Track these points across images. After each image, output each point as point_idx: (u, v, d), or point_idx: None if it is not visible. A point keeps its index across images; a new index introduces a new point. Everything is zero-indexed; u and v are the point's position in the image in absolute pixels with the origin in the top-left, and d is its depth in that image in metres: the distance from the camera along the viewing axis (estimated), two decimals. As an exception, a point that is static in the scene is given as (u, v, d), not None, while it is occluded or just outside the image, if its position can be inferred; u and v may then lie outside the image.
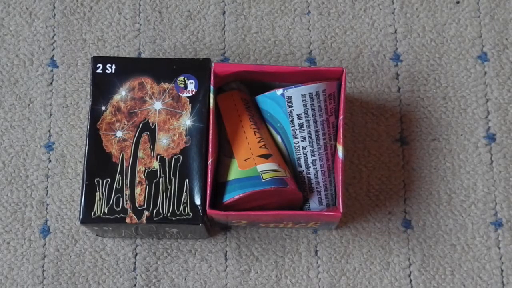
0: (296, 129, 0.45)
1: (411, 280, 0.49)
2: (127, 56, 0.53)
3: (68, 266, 0.50)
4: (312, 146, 0.46)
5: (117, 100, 0.46)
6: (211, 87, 0.45)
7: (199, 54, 0.53)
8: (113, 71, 0.47)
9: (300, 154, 0.46)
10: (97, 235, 0.49)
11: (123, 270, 0.50)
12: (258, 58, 0.53)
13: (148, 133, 0.46)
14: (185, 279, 0.49)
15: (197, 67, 0.47)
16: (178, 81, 0.46)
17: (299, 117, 0.45)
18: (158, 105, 0.46)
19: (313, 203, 0.46)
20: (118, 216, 0.44)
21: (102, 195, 0.45)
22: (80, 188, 0.44)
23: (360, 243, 0.50)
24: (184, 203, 0.45)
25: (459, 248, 0.50)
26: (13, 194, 0.51)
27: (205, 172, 0.45)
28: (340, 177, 0.44)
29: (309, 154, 0.46)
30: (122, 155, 0.45)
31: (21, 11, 0.54)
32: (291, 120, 0.45)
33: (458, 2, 0.54)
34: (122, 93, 0.46)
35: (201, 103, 0.46)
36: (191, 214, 0.44)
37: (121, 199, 0.45)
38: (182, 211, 0.44)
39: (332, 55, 0.53)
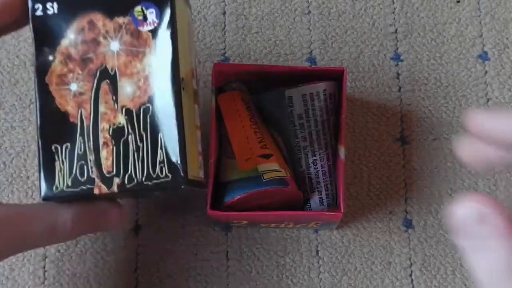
0: (297, 129, 0.45)
1: (412, 280, 0.49)
2: None
3: (69, 266, 0.50)
4: (312, 146, 0.46)
5: (66, 46, 0.38)
6: (212, 86, 0.39)
7: (199, 54, 0.53)
8: (56, 11, 0.38)
9: (301, 154, 0.46)
10: None
11: (125, 270, 0.50)
12: (258, 58, 0.53)
13: (108, 81, 0.38)
14: (186, 280, 0.49)
15: None
16: (135, 13, 0.38)
17: (299, 117, 0.45)
18: (115, 45, 0.38)
19: (314, 203, 0.46)
20: (84, 188, 0.37)
21: (63, 164, 0.38)
22: (37, 158, 0.38)
23: (361, 243, 0.50)
24: (160, 162, 0.37)
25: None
26: (14, 195, 0.51)
27: (182, 120, 0.37)
28: (341, 177, 0.44)
29: (309, 154, 0.46)
30: (81, 112, 0.38)
31: (21, 11, 0.54)
32: (292, 120, 0.45)
33: (458, 2, 0.54)
34: (70, 37, 0.38)
35: (166, 35, 0.38)
36: (170, 176, 0.37)
37: (85, 166, 0.38)
38: (159, 173, 0.37)
39: (333, 55, 0.53)
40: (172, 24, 0.38)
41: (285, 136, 0.46)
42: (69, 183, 0.38)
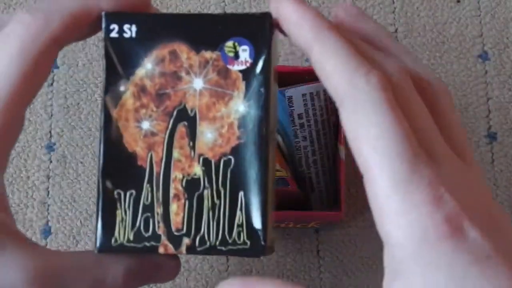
0: (297, 129, 0.45)
1: (412, 280, 0.49)
2: None
3: (69, 266, 0.50)
4: (313, 146, 0.46)
5: (141, 77, 0.32)
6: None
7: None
8: (134, 35, 0.33)
9: (301, 154, 0.46)
10: None
11: (125, 271, 0.50)
12: (258, 58, 0.53)
13: (186, 123, 0.32)
14: (186, 279, 0.49)
15: (253, 27, 0.32)
16: (225, 48, 0.32)
17: (299, 117, 0.45)
18: (198, 83, 0.33)
19: (314, 203, 0.46)
20: (147, 245, 0.32)
21: (125, 214, 0.32)
22: (96, 202, 0.33)
23: (361, 243, 0.50)
24: (238, 226, 0.32)
25: (461, 247, 0.50)
26: (14, 195, 0.51)
27: (267, 180, 0.32)
28: (341, 177, 0.44)
29: (310, 154, 0.46)
30: (151, 155, 0.33)
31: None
32: (292, 120, 0.45)
33: (458, 1, 0.54)
34: (147, 67, 0.33)
35: (259, 80, 0.32)
36: (249, 243, 0.32)
37: (151, 220, 0.32)
38: (236, 238, 0.32)
39: (333, 54, 0.53)
40: (268, 67, 0.32)
41: (285, 136, 0.46)
42: (131, 237, 0.32)
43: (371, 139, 0.28)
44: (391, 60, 0.30)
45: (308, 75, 0.46)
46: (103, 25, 0.33)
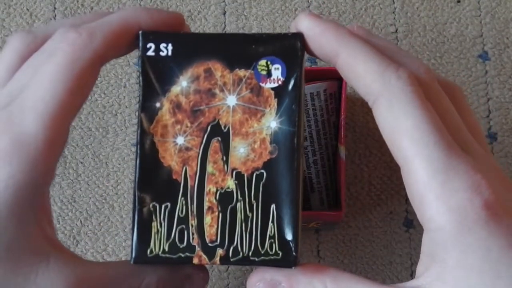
0: (297, 129, 0.45)
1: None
2: None
3: (69, 267, 0.50)
4: (313, 146, 0.46)
5: (176, 94, 0.34)
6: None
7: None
8: (170, 53, 0.34)
9: (302, 154, 0.46)
10: None
11: (125, 271, 0.50)
12: (259, 58, 0.53)
13: (220, 139, 0.34)
14: (186, 280, 0.49)
15: (285, 47, 0.34)
16: (259, 67, 0.34)
17: (300, 117, 0.45)
18: (232, 100, 0.34)
19: (315, 203, 0.46)
20: (182, 256, 0.33)
21: (161, 226, 0.33)
22: (131, 215, 0.34)
23: (362, 243, 0.50)
24: (270, 237, 0.33)
25: (461, 248, 0.50)
26: (15, 195, 0.51)
27: (299, 194, 0.33)
28: (341, 177, 0.44)
29: (310, 154, 0.46)
30: (186, 169, 0.34)
31: (22, 12, 0.54)
32: (292, 120, 0.45)
33: (459, 1, 0.54)
34: (182, 84, 0.34)
35: (291, 97, 0.34)
36: (280, 254, 0.33)
37: (185, 231, 0.33)
38: (268, 249, 0.33)
39: (333, 54, 0.53)
40: (299, 85, 0.34)
41: (286, 136, 0.46)
42: (166, 248, 0.33)
43: (408, 130, 0.30)
44: (415, 62, 0.32)
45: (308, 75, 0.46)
46: (140, 44, 0.34)
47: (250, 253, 0.33)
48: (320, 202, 0.46)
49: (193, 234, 0.33)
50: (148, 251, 0.33)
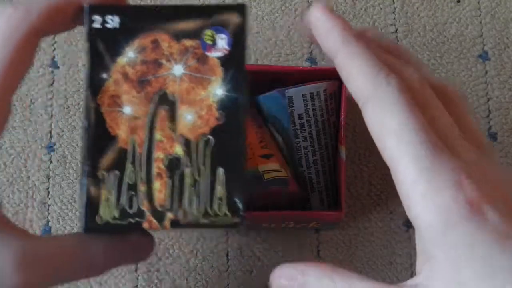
0: (297, 129, 0.45)
1: (413, 280, 0.49)
2: None
3: (69, 267, 0.50)
4: (313, 146, 0.46)
5: (123, 65, 0.35)
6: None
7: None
8: (117, 26, 0.35)
9: (301, 154, 0.46)
10: None
11: (125, 271, 0.50)
12: (259, 58, 0.53)
13: (167, 107, 0.35)
14: (186, 280, 0.49)
15: (230, 17, 0.35)
16: (205, 37, 0.35)
17: (300, 117, 0.45)
18: (178, 69, 0.35)
19: (314, 203, 0.46)
20: (132, 221, 0.34)
21: (110, 194, 0.34)
22: (79, 185, 0.34)
23: (362, 243, 0.50)
24: (219, 199, 0.34)
25: (461, 248, 0.50)
26: (15, 195, 0.51)
27: (246, 157, 0.35)
28: (341, 177, 0.44)
29: (310, 154, 0.46)
30: (133, 138, 0.35)
31: None
32: (292, 120, 0.45)
33: (458, 1, 0.54)
34: (129, 55, 0.35)
35: (236, 66, 0.35)
36: (229, 215, 0.34)
37: (135, 198, 0.34)
38: (217, 211, 0.34)
39: (333, 54, 0.53)
40: (243, 54, 0.35)
41: (286, 136, 0.46)
42: (116, 215, 0.34)
43: (395, 130, 0.31)
44: (410, 68, 0.34)
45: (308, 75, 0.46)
46: (86, 17, 0.35)
47: (200, 216, 0.34)
48: (320, 202, 0.46)
49: (142, 200, 0.34)
50: (99, 219, 0.34)
